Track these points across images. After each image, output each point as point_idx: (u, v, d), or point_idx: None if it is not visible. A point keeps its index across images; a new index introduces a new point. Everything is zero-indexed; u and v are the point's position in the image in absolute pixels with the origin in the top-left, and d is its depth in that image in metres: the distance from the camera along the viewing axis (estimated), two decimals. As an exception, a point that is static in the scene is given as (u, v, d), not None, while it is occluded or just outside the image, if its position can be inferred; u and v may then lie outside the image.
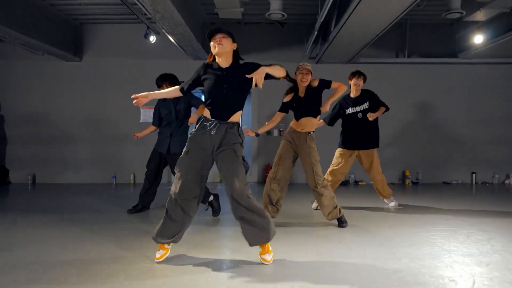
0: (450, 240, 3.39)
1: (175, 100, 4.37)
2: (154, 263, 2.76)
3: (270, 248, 2.79)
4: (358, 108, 4.76)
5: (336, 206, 3.87)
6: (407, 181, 7.42)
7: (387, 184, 5.02)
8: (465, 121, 7.65)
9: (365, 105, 4.74)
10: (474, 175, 7.54)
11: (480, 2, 5.44)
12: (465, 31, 7.08)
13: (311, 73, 3.89)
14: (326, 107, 3.93)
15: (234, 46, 2.78)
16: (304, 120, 3.90)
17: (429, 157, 7.66)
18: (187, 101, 4.37)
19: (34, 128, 7.66)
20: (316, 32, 5.82)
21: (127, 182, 7.62)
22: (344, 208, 5.00)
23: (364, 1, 4.42)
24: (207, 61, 2.84)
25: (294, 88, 3.98)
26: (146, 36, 6.19)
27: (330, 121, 4.97)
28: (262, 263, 2.74)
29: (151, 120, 4.66)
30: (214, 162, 2.78)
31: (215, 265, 2.74)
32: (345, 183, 7.37)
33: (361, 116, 4.75)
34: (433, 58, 7.49)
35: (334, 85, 3.86)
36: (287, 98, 3.99)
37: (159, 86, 4.35)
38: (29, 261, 2.82)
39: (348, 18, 5.08)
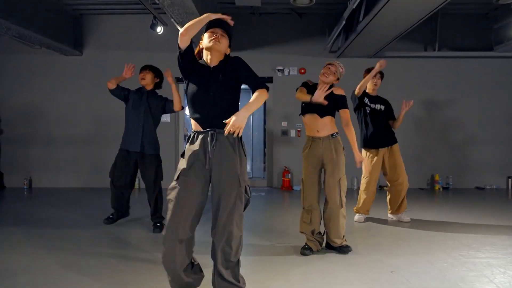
0: (528, 272, 2.79)
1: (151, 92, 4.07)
2: None
3: None
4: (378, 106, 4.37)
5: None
6: (437, 186, 6.84)
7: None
8: (500, 120, 7.09)
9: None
10: (510, 179, 6.98)
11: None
12: (506, 21, 6.42)
13: (335, 76, 3.25)
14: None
15: (228, 51, 2.34)
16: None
17: (460, 159, 7.10)
18: (163, 101, 4.04)
19: (31, 128, 7.15)
20: (344, 22, 5.20)
21: (131, 186, 7.07)
22: (379, 221, 4.42)
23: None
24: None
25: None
26: (153, 27, 5.59)
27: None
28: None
29: (165, 120, 4.41)
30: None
31: None
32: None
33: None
34: (466, 51, 6.90)
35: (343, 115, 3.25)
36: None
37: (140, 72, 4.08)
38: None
39: (383, 7, 4.48)
